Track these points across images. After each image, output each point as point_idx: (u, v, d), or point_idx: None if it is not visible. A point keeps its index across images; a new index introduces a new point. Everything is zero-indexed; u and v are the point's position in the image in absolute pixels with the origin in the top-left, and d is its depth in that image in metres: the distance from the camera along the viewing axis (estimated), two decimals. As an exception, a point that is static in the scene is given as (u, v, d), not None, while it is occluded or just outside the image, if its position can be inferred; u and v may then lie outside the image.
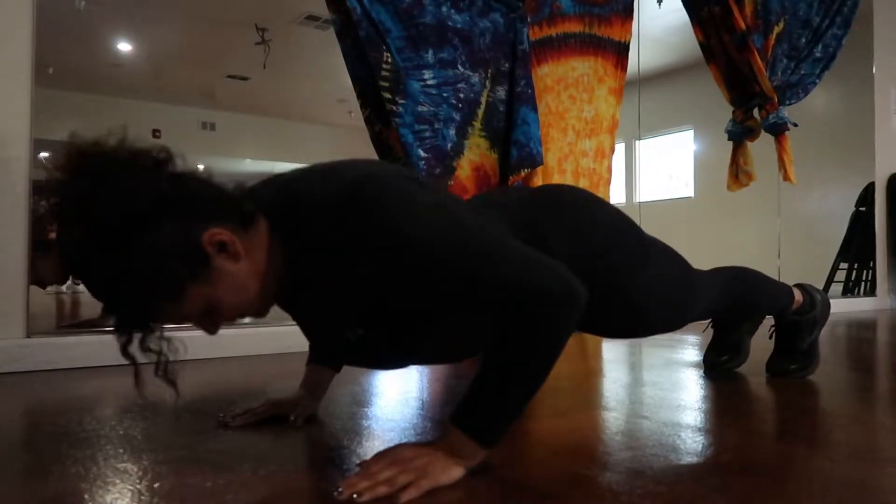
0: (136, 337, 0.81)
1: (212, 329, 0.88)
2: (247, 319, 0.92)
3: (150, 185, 0.78)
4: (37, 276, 2.04)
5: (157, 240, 0.77)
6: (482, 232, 0.85)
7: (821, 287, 1.79)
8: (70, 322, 2.11)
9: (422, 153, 2.14)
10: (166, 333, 0.84)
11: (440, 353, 1.06)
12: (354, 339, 0.95)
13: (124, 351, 0.82)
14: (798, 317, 1.57)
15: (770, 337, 1.66)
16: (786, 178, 3.28)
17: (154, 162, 0.80)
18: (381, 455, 0.84)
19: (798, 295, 1.56)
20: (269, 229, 0.88)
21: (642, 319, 1.21)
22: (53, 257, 2.18)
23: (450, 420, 0.85)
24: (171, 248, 0.77)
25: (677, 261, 1.28)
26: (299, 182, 0.91)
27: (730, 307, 1.43)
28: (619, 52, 2.74)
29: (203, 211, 0.81)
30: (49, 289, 2.22)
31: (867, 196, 4.33)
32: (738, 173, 3.25)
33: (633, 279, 1.16)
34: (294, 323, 1.02)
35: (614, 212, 1.22)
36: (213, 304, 0.83)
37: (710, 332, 1.78)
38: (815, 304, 1.58)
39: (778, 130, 3.23)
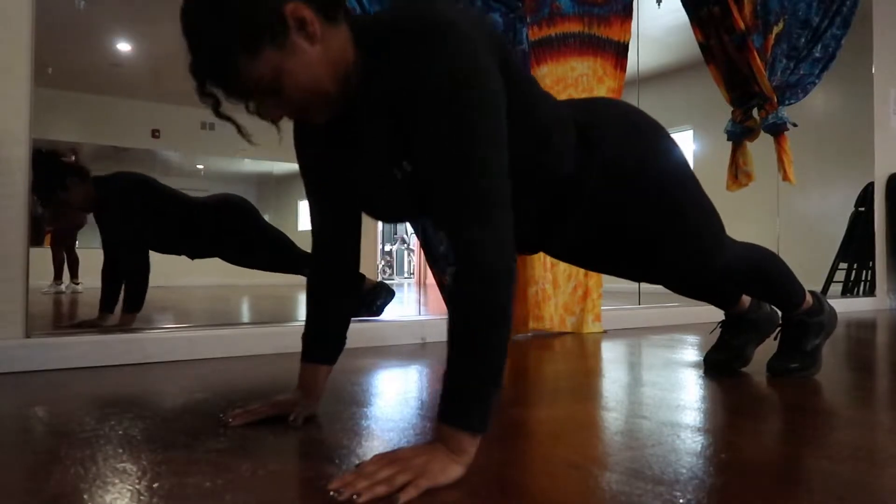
0: (220, 94, 0.89)
1: (274, 112, 0.92)
2: (246, 319, 0.92)
3: None
4: (62, 202, 2.07)
5: None
6: (487, 159, 0.85)
7: (820, 287, 1.81)
8: (69, 322, 2.11)
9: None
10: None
11: None
12: (401, 178, 0.95)
13: (216, 111, 0.90)
14: (806, 317, 1.59)
15: (775, 338, 1.67)
16: (785, 178, 3.28)
17: None
18: (378, 456, 0.84)
19: (809, 298, 1.60)
20: (355, 43, 0.94)
21: (674, 222, 1.23)
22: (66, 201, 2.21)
23: (437, 419, 0.85)
24: (257, 6, 0.85)
25: (715, 210, 1.32)
26: (400, 9, 0.96)
27: (749, 274, 1.45)
28: (619, 52, 2.74)
29: None
30: (48, 289, 2.21)
31: (866, 196, 4.33)
32: (738, 173, 3.25)
33: (675, 188, 1.22)
34: (294, 322, 1.02)
35: (680, 153, 1.28)
36: (281, 77, 0.88)
37: (716, 334, 1.79)
38: (823, 310, 1.61)
39: (777, 131, 3.23)
